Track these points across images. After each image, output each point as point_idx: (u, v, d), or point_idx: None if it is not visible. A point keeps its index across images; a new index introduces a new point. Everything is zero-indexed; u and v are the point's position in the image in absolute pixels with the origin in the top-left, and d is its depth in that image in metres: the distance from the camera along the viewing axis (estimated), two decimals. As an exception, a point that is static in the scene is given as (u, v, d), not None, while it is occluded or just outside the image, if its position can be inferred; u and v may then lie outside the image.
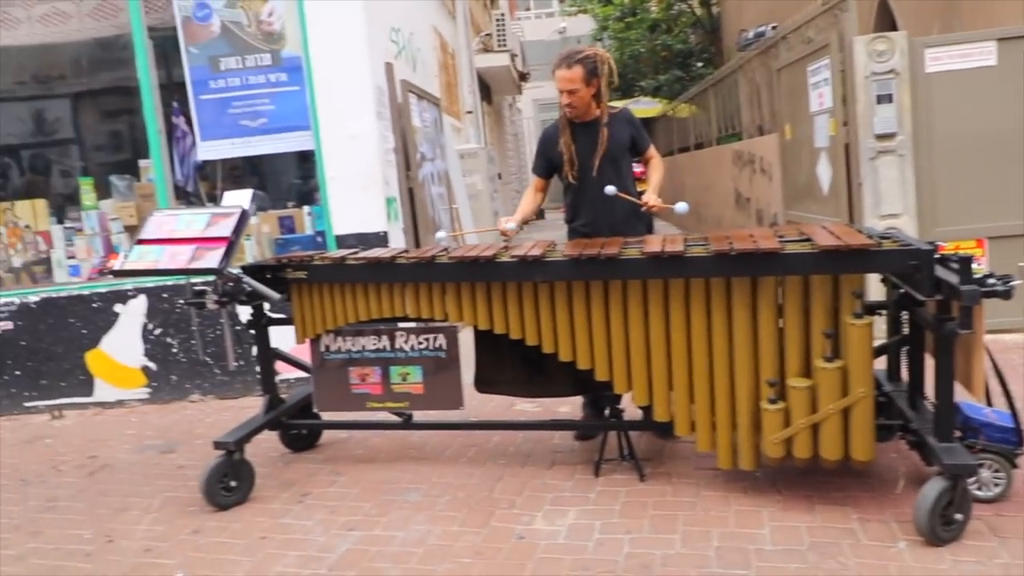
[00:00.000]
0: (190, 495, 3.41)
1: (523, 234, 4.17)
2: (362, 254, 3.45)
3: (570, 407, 4.06)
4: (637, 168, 3.82)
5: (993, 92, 4.82)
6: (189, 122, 5.19)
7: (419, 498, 3.23)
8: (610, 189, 3.45)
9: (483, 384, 3.64)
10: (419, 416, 3.64)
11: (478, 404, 4.08)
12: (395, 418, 3.63)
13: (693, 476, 3.22)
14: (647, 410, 3.22)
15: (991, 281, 2.54)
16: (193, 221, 3.47)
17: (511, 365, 3.58)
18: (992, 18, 7.34)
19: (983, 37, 4.89)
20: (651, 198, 3.53)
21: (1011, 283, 2.53)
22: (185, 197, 5.62)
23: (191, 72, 5.07)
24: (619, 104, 4.56)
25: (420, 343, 3.51)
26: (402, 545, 2.84)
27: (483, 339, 3.51)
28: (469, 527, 2.94)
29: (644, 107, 16.86)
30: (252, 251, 5.19)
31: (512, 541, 2.81)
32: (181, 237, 3.41)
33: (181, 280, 4.80)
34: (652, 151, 3.76)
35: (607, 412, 3.39)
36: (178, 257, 3.36)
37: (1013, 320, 4.75)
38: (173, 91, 5.47)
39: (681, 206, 3.42)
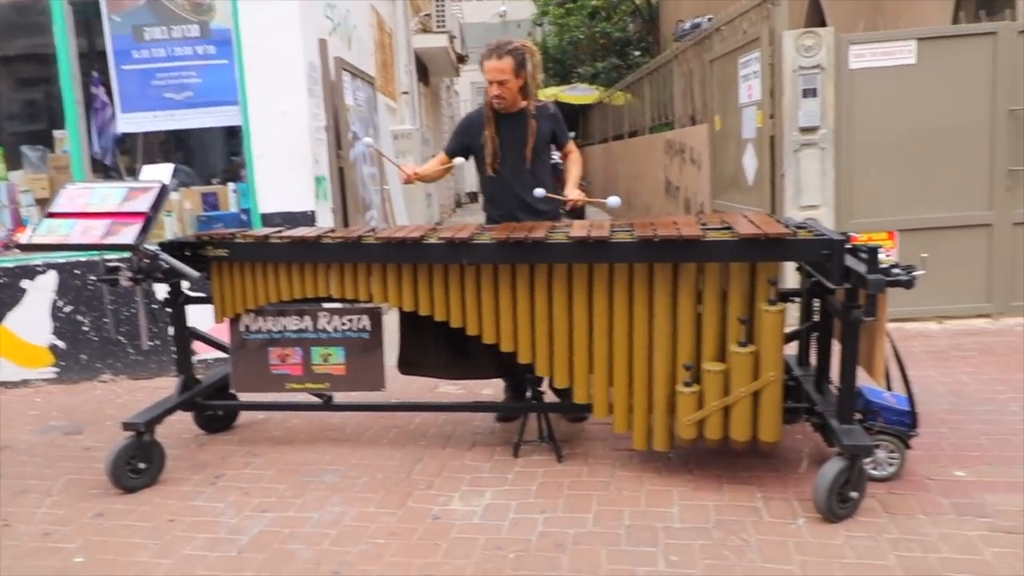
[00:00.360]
0: (95, 478, 3.31)
1: (455, 217, 4.17)
2: (286, 233, 3.39)
3: (493, 389, 4.08)
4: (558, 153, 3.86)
5: (911, 90, 5.01)
6: (109, 93, 5.01)
7: (336, 479, 3.21)
8: (539, 192, 3.49)
9: (407, 366, 3.64)
10: (340, 397, 3.61)
11: (402, 386, 4.07)
12: (315, 399, 3.60)
13: (609, 457, 3.28)
14: (566, 392, 3.25)
15: (896, 271, 2.65)
16: (109, 195, 3.37)
17: (435, 347, 3.59)
18: (913, 18, 7.61)
19: (904, 36, 5.07)
20: (573, 193, 3.58)
21: (914, 273, 2.65)
22: (104, 170, 5.43)
23: (113, 41, 4.89)
24: (556, 90, 4.60)
25: (344, 324, 3.48)
26: (316, 527, 2.82)
27: (408, 321, 3.50)
28: (385, 508, 2.94)
29: (581, 94, 16.91)
30: (172, 228, 5.04)
31: (428, 521, 2.82)
32: (95, 211, 3.31)
33: (95, 256, 4.64)
34: (571, 145, 3.81)
35: (528, 394, 3.42)
36: (91, 232, 3.25)
37: (916, 309, 4.97)
38: (94, 60, 5.28)
39: (613, 200, 3.48)
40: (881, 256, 2.66)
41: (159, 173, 3.46)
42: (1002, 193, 5.01)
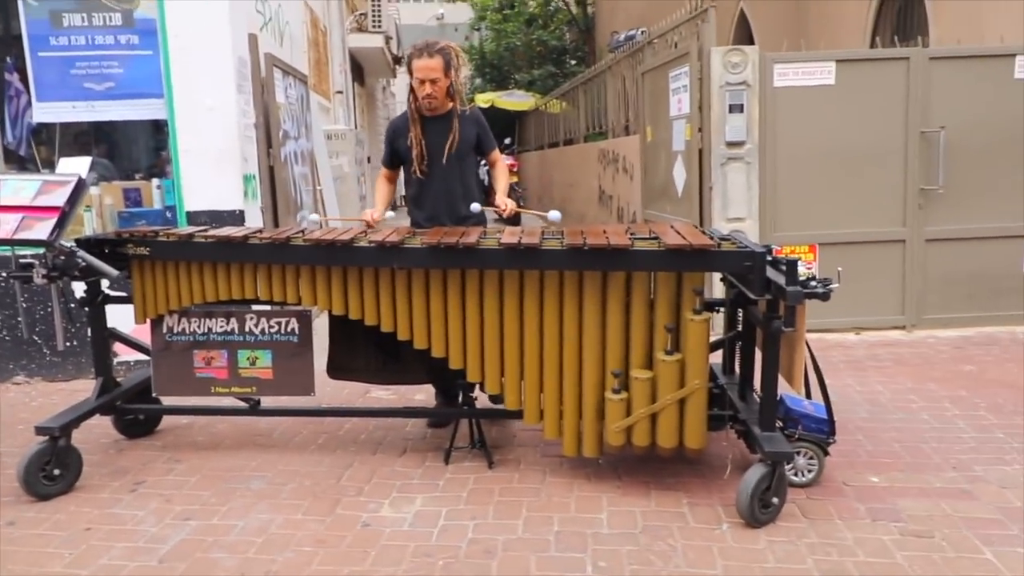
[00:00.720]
0: (7, 484, 3.16)
1: (392, 221, 4.14)
2: (212, 232, 3.31)
3: (425, 394, 4.06)
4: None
5: (831, 110, 5.21)
6: (25, 80, 4.79)
7: (263, 486, 3.14)
8: (475, 207, 3.51)
9: (337, 370, 3.59)
10: (268, 402, 3.54)
11: (332, 391, 4.01)
12: (242, 404, 3.51)
13: (540, 463, 3.30)
14: (497, 398, 3.26)
15: (813, 283, 2.75)
16: (22, 188, 3.22)
17: (365, 351, 3.56)
18: (834, 39, 7.95)
19: (824, 57, 5.27)
20: (503, 201, 3.60)
21: (830, 286, 2.75)
22: (18, 161, 5.19)
23: (28, 26, 4.68)
24: (493, 95, 4.62)
25: (271, 327, 3.41)
26: (241, 534, 2.75)
27: (338, 324, 3.46)
28: (313, 515, 2.89)
29: (518, 100, 17.01)
30: (92, 224, 4.85)
31: (357, 529, 2.78)
32: (6, 204, 3.16)
33: (5, 251, 4.42)
34: (496, 154, 3.81)
35: (460, 400, 3.41)
36: (1, 226, 3.10)
37: (835, 321, 5.17)
38: (10, 45, 5.04)
39: (554, 214, 3.52)
40: (800, 269, 2.76)
41: (76, 166, 3.33)
42: (915, 211, 5.26)
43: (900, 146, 5.23)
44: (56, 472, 3.09)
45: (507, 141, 15.86)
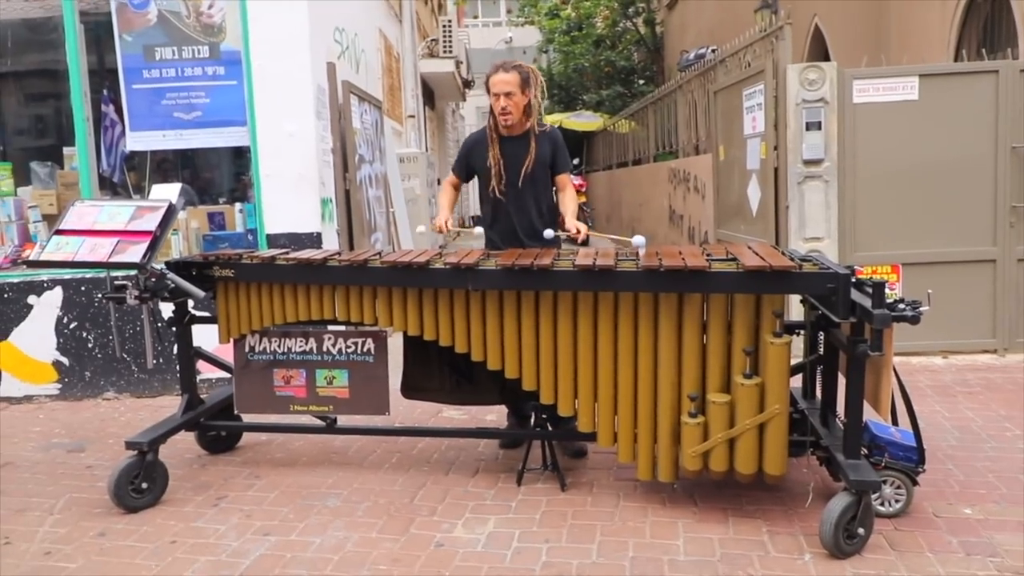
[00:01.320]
0: (98, 496, 3.30)
1: (460, 241, 4.18)
2: (293, 255, 3.41)
3: (497, 415, 4.06)
4: (577, 180, 3.86)
5: (914, 125, 5.04)
6: (119, 111, 5.05)
7: (339, 504, 3.19)
8: (548, 233, 3.49)
9: (410, 390, 3.63)
10: (344, 421, 3.60)
11: (405, 410, 4.05)
12: (319, 422, 3.58)
13: (613, 487, 3.26)
14: (567, 420, 3.23)
15: (901, 306, 2.65)
16: (117, 213, 3.38)
17: (439, 372, 3.59)
18: (916, 54, 7.71)
19: (906, 72, 5.12)
20: (574, 224, 3.54)
21: (919, 309, 2.65)
22: (111, 188, 5.46)
23: (124, 60, 4.93)
24: (561, 116, 4.62)
25: (348, 347, 3.48)
26: (318, 551, 2.80)
27: (412, 345, 3.50)
28: (388, 534, 2.92)
29: (586, 120, 17.05)
30: (179, 246, 5.06)
31: (431, 549, 2.80)
32: (103, 229, 3.32)
33: (101, 273, 4.65)
34: (566, 178, 3.74)
35: (532, 422, 3.40)
36: (98, 250, 3.26)
37: (921, 344, 4.97)
38: (104, 78, 5.33)
39: (638, 240, 3.15)
40: (886, 291, 2.66)
41: (167, 192, 3.49)
42: (1006, 229, 5.03)
43: (989, 162, 5.02)
44: (144, 486, 3.21)
45: (575, 161, 15.93)
